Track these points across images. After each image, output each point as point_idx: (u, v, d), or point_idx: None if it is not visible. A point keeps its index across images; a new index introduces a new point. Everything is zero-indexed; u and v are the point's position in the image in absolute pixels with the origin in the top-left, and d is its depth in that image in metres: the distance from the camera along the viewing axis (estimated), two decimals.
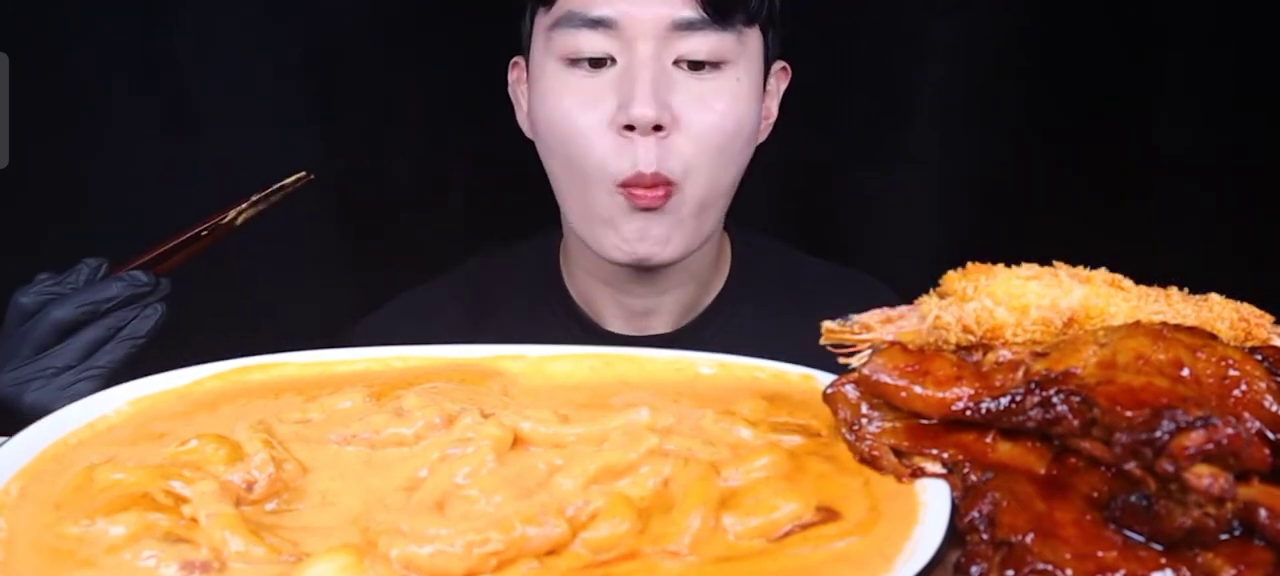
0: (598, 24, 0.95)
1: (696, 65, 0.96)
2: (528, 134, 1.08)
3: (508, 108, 1.13)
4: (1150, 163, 1.46)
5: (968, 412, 0.55)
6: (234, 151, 1.36)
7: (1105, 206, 1.46)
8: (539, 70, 1.01)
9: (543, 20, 1.00)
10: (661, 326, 1.09)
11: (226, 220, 0.92)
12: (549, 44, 0.98)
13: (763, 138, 1.07)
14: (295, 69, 1.39)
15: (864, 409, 0.58)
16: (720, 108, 0.97)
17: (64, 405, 0.72)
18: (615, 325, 1.09)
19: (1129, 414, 0.49)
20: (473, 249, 1.20)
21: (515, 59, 1.10)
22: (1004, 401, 0.54)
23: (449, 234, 1.46)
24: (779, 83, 1.09)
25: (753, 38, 1.00)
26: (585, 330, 1.09)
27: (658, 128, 0.94)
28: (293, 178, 0.94)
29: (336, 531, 0.51)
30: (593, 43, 0.96)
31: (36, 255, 1.33)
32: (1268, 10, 1.37)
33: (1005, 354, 0.58)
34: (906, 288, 0.77)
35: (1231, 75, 1.42)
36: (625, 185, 0.96)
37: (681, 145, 0.96)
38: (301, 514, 0.53)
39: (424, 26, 1.41)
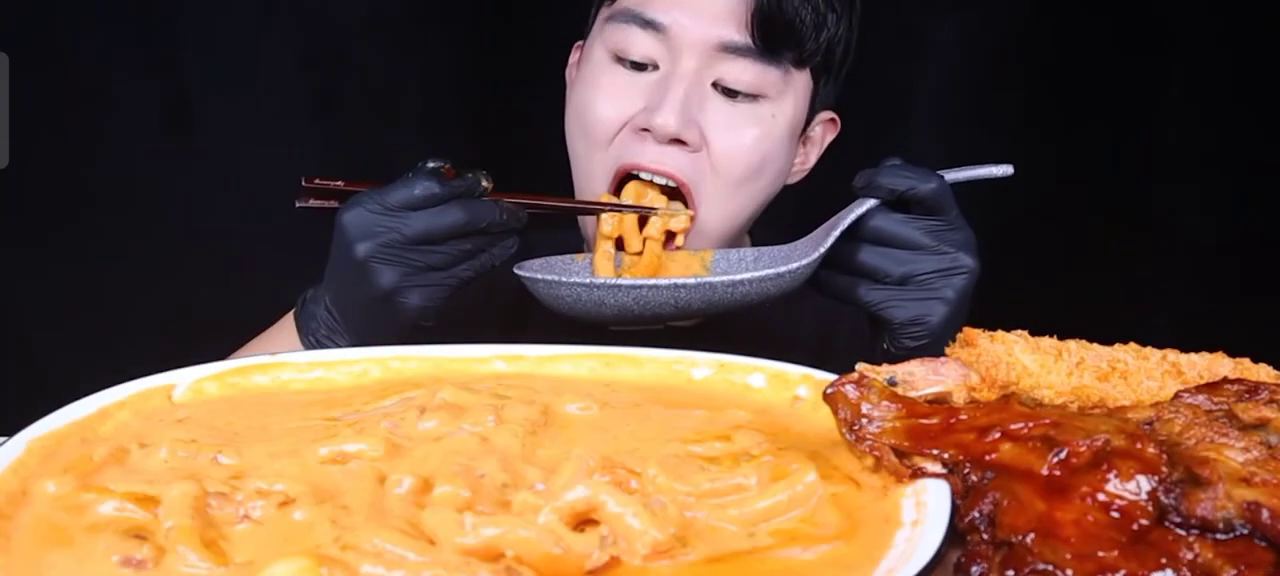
0: (648, 25, 0.96)
1: (733, 92, 0.97)
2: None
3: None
4: (1150, 165, 1.46)
5: None
6: (234, 151, 1.36)
7: (1104, 210, 1.47)
8: (587, 57, 1.03)
9: (604, 11, 1.02)
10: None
11: (587, 206, 1.00)
12: (602, 34, 1.01)
13: (793, 181, 1.08)
14: (295, 69, 1.39)
15: (864, 409, 0.58)
16: (750, 138, 0.98)
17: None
18: None
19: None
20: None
21: (578, 43, 1.11)
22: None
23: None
24: (824, 133, 1.10)
25: (799, 79, 1.00)
26: None
27: (677, 142, 0.96)
28: (667, 206, 0.98)
29: (298, 544, 0.50)
30: (641, 44, 0.97)
31: (42, 249, 1.34)
32: (1268, 13, 1.37)
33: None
34: None
35: (1233, 78, 1.42)
36: (625, 173, 0.98)
37: (703, 164, 0.98)
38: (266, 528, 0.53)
39: (424, 26, 1.41)
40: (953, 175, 0.90)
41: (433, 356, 0.73)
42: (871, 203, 0.88)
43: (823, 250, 0.87)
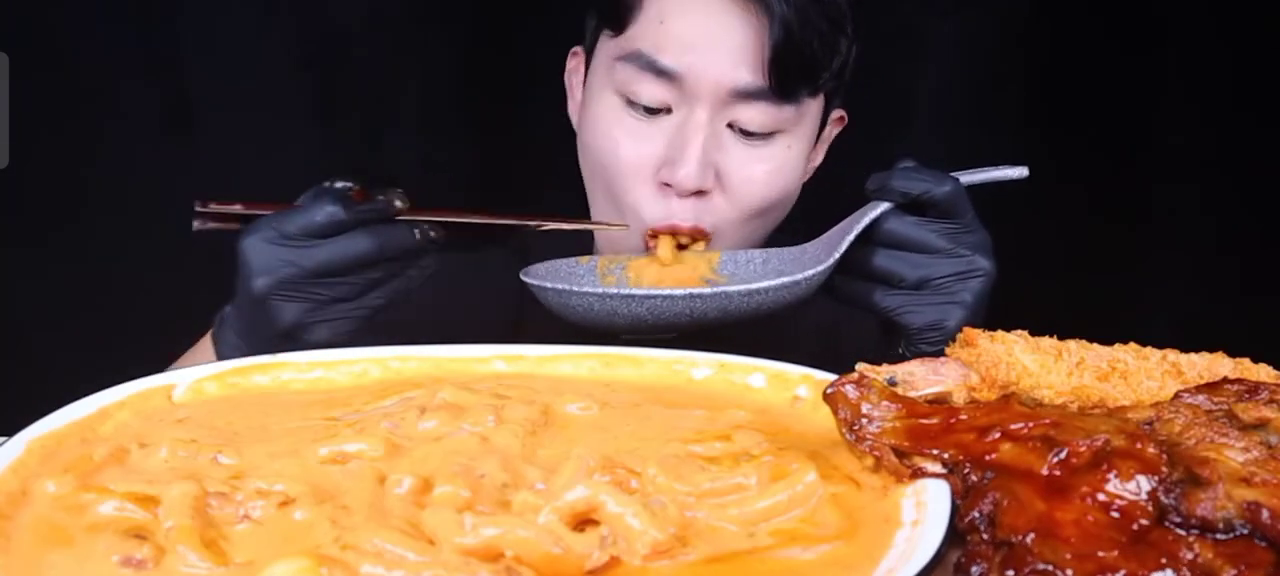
0: (663, 73, 0.94)
1: (748, 132, 0.97)
2: (574, 125, 1.08)
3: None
4: (1150, 165, 1.46)
5: None
6: (234, 151, 1.36)
7: (1104, 210, 1.46)
8: (596, 93, 1.01)
9: (608, 44, 1.00)
10: None
11: (536, 223, 0.93)
12: (611, 74, 0.98)
13: (805, 178, 1.08)
14: (295, 69, 1.39)
15: (864, 409, 0.58)
16: (765, 175, 0.98)
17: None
18: None
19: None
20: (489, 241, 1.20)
21: (575, 49, 1.09)
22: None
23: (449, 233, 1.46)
24: (832, 130, 1.10)
25: (812, 105, 1.00)
26: None
27: (698, 192, 0.96)
28: (614, 223, 0.98)
29: (298, 544, 0.50)
30: (653, 91, 0.95)
31: (42, 249, 1.34)
32: (1268, 13, 1.37)
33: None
34: None
35: (1234, 78, 1.42)
36: (656, 233, 0.98)
37: (720, 205, 0.98)
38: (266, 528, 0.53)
39: (424, 27, 1.41)
40: (967, 177, 0.89)
41: (433, 356, 0.73)
42: (885, 206, 0.87)
43: (838, 255, 0.86)
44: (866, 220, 0.87)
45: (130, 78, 1.35)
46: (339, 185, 0.83)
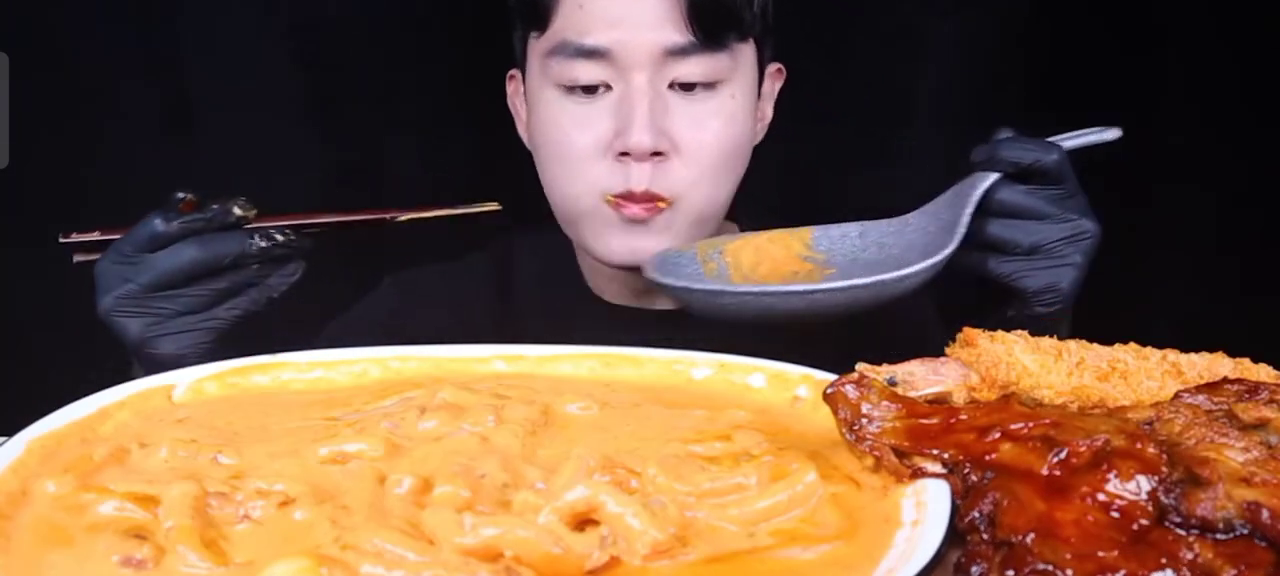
0: (592, 53, 0.95)
1: (690, 87, 0.97)
2: (528, 146, 1.08)
3: (508, 108, 1.13)
4: (1150, 165, 1.46)
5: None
6: (234, 151, 1.36)
7: (1104, 209, 1.46)
8: (536, 94, 1.01)
9: (537, 44, 1.00)
10: (666, 303, 1.09)
11: (390, 217, 0.93)
12: (545, 70, 0.99)
13: (758, 139, 1.08)
14: (295, 69, 1.39)
15: (864, 409, 0.58)
16: (715, 128, 0.98)
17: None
18: (620, 299, 1.12)
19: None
20: (473, 247, 1.20)
21: (512, 71, 1.10)
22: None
23: (448, 234, 1.46)
24: (773, 84, 1.10)
25: (745, 52, 1.00)
26: (588, 301, 1.12)
27: (655, 154, 0.96)
28: (484, 205, 0.96)
29: (298, 544, 0.50)
30: (588, 72, 0.96)
31: (42, 249, 1.34)
32: (1268, 13, 1.37)
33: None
34: None
35: (1234, 78, 1.42)
36: (615, 199, 0.97)
37: (677, 168, 0.97)
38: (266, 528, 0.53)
39: (425, 26, 1.41)
40: (1067, 142, 0.92)
41: (433, 356, 0.73)
42: (993, 177, 0.89)
43: (962, 231, 0.86)
44: (979, 192, 0.88)
45: (130, 78, 1.35)
46: (176, 196, 0.84)
